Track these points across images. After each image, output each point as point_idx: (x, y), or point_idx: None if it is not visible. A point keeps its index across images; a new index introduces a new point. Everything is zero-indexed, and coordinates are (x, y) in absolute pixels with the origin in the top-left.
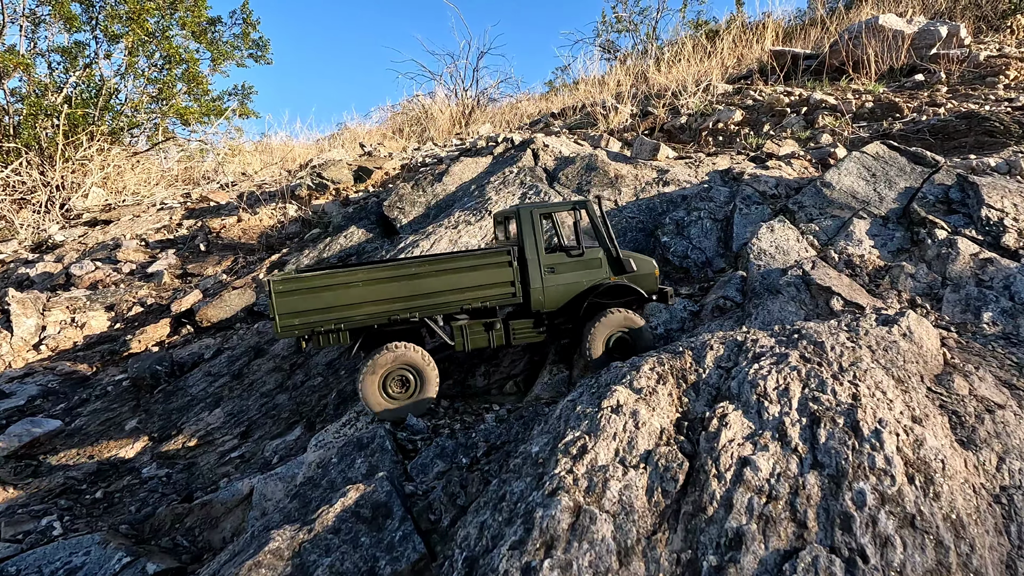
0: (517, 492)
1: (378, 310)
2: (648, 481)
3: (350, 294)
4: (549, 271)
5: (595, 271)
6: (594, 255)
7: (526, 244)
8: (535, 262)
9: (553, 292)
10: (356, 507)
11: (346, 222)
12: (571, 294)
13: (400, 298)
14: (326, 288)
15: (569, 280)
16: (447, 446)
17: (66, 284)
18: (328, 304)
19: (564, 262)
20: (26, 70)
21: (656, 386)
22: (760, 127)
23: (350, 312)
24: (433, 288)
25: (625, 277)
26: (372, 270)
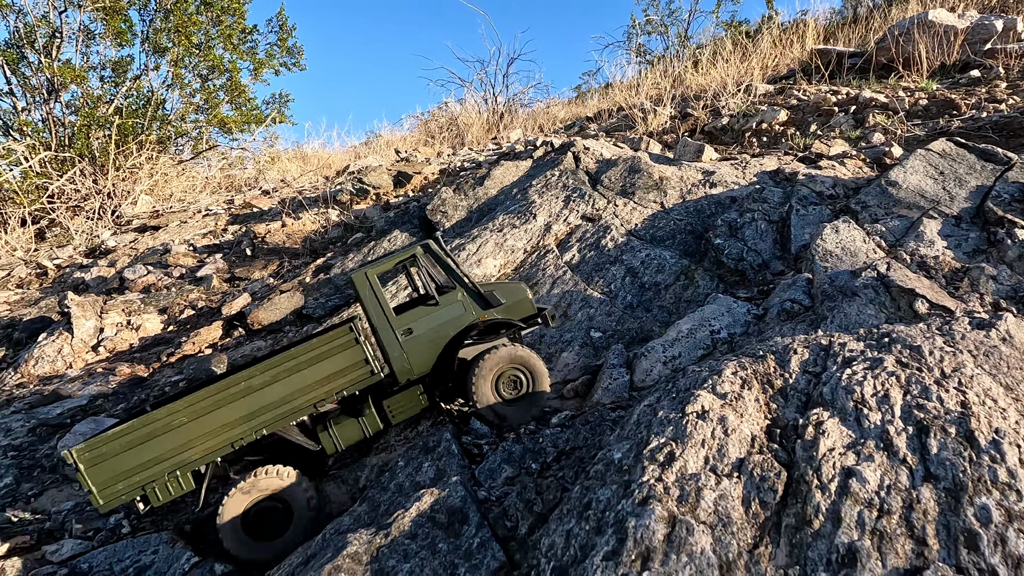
0: (604, 500)
1: (216, 443)
2: (744, 491)
3: (176, 436)
4: (407, 333)
5: (460, 316)
6: (453, 299)
7: (370, 312)
8: (386, 328)
9: (419, 354)
10: (431, 512)
11: (389, 226)
12: (439, 348)
13: (238, 420)
14: (145, 439)
15: (433, 335)
16: (514, 451)
17: (120, 288)
18: (153, 456)
19: (421, 317)
20: (80, 83)
21: (741, 391)
22: (806, 127)
23: (182, 455)
24: (275, 397)
25: (496, 311)
26: (193, 400)
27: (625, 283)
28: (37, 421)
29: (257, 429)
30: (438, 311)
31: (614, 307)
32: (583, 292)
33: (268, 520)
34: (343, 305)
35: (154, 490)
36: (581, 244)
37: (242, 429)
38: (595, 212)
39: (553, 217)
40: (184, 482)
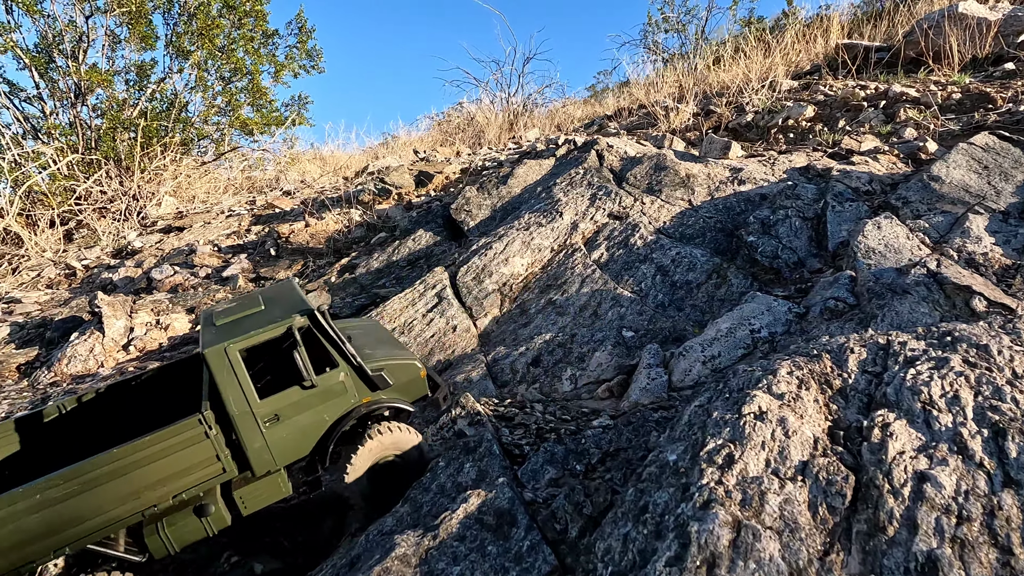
0: (661, 503)
1: (9, 560)
2: (810, 495)
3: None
4: (272, 421)
5: (340, 398)
6: (334, 379)
7: (227, 397)
8: (247, 416)
9: (285, 444)
10: (479, 514)
11: (413, 225)
12: (314, 438)
13: (37, 537)
14: None
15: (306, 422)
16: (556, 451)
17: (148, 288)
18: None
19: (292, 402)
20: (106, 86)
21: (799, 392)
22: (834, 123)
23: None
24: (90, 507)
25: (383, 394)
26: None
27: (656, 281)
28: None
29: (60, 545)
30: (315, 393)
31: (645, 306)
32: (613, 291)
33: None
34: (369, 304)
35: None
36: (609, 242)
37: (41, 546)
38: (622, 210)
39: (580, 215)
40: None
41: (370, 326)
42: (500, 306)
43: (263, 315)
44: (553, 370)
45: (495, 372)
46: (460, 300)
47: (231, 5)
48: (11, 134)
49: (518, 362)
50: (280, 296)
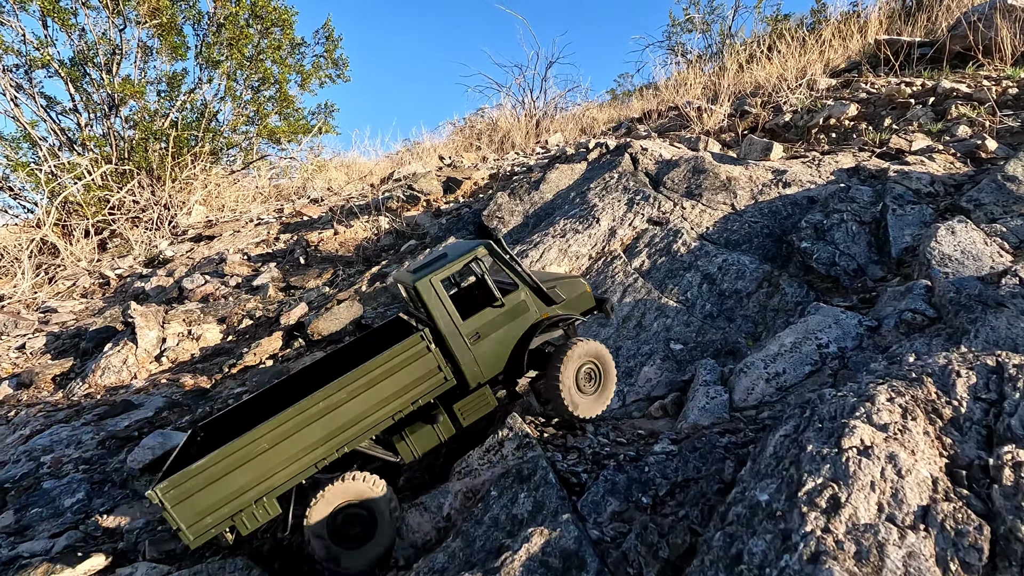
0: (759, 553)
1: (299, 466)
2: (937, 549)
3: (260, 464)
4: (474, 338)
5: (525, 315)
6: (517, 298)
7: (437, 319)
8: (455, 335)
9: (488, 358)
10: (543, 555)
11: (443, 232)
12: (508, 350)
13: (319, 441)
14: (228, 469)
15: (501, 337)
16: (618, 481)
17: (179, 297)
18: (238, 486)
19: (487, 320)
20: (139, 98)
21: (905, 422)
22: (880, 121)
23: (268, 483)
24: (352, 414)
25: (558, 307)
26: (273, 426)
27: (702, 291)
28: (106, 434)
29: (339, 447)
30: (504, 312)
31: (692, 316)
32: (657, 300)
33: (352, 527)
34: None
35: (242, 520)
36: (650, 249)
37: (324, 450)
38: (662, 215)
39: (617, 221)
40: (271, 508)
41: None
42: None
43: (447, 258)
44: None
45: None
46: None
47: (259, 15)
48: (48, 146)
49: None
50: (452, 248)
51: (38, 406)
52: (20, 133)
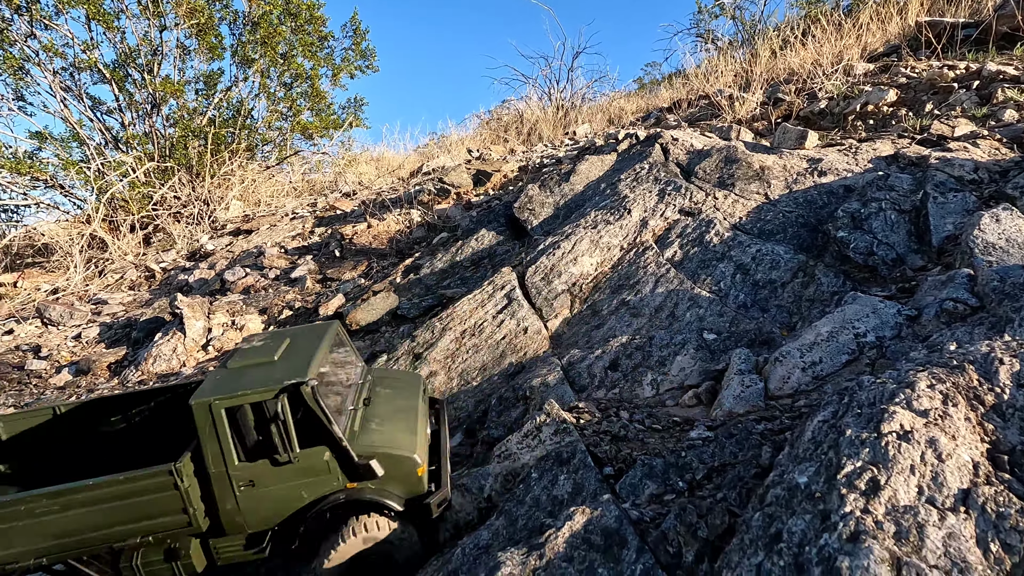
0: (798, 532)
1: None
2: (977, 530)
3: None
4: (246, 485)
5: (320, 479)
6: (316, 458)
7: (207, 452)
8: (222, 476)
9: (257, 512)
10: (585, 533)
11: (474, 225)
12: (287, 511)
13: (16, 542)
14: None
15: (279, 495)
16: (655, 465)
17: (221, 289)
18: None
19: (271, 471)
20: (178, 97)
21: (945, 408)
22: (921, 107)
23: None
24: (61, 528)
25: (369, 484)
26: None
27: (736, 281)
28: None
29: (37, 556)
30: (295, 468)
31: (726, 307)
32: (690, 291)
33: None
34: (436, 305)
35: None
36: (683, 240)
37: (17, 552)
38: (693, 206)
39: (648, 212)
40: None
41: (406, 387)
42: (571, 307)
43: (267, 370)
44: (632, 375)
45: (571, 376)
46: (530, 301)
47: (292, 12)
48: (95, 145)
49: (595, 366)
50: (302, 347)
51: (97, 391)
52: (69, 133)
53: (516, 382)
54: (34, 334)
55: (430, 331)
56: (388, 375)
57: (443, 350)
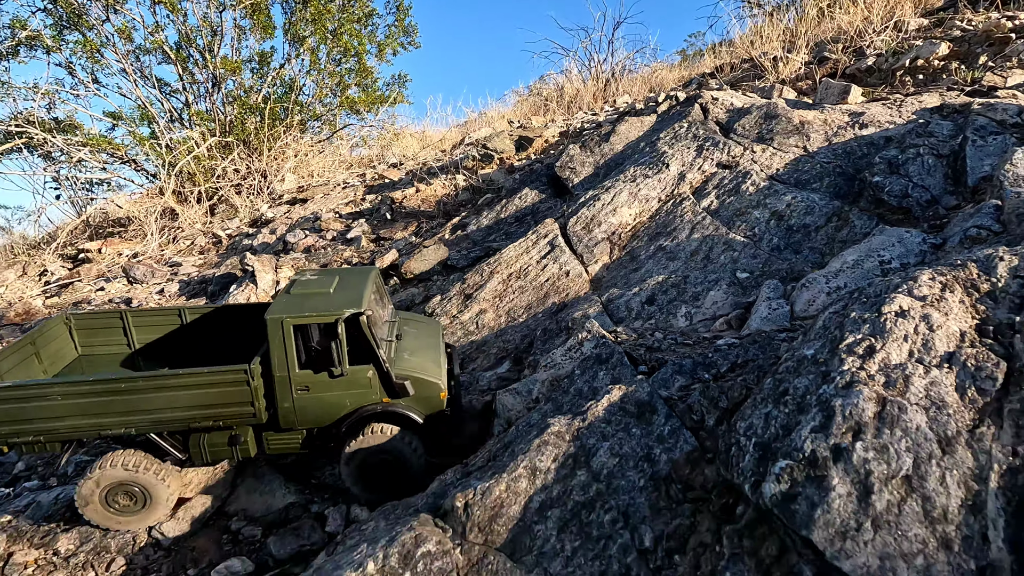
0: (802, 387)
1: (85, 424)
2: (957, 380)
3: (46, 408)
4: (302, 390)
5: (363, 392)
6: (362, 375)
7: (274, 359)
8: (284, 381)
9: (309, 412)
10: (621, 403)
11: (518, 185)
12: (333, 415)
13: (112, 413)
14: (16, 400)
15: (329, 400)
16: (685, 364)
17: (284, 250)
18: (20, 417)
19: (324, 380)
20: (236, 75)
21: (943, 294)
22: (974, 59)
23: (49, 426)
24: (151, 406)
25: (401, 401)
26: (72, 385)
27: (770, 226)
28: None
29: (128, 427)
30: (343, 381)
31: (759, 249)
32: (725, 236)
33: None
34: (483, 256)
35: (19, 444)
36: (719, 190)
37: (112, 422)
38: (731, 159)
39: (686, 166)
40: (49, 447)
41: (428, 328)
42: (610, 254)
43: (328, 298)
44: (668, 308)
45: (611, 310)
46: (571, 248)
47: None
48: (164, 122)
49: (633, 301)
50: (352, 284)
51: None
52: (138, 112)
53: (559, 317)
54: (122, 290)
55: (479, 275)
56: (413, 318)
57: (491, 291)
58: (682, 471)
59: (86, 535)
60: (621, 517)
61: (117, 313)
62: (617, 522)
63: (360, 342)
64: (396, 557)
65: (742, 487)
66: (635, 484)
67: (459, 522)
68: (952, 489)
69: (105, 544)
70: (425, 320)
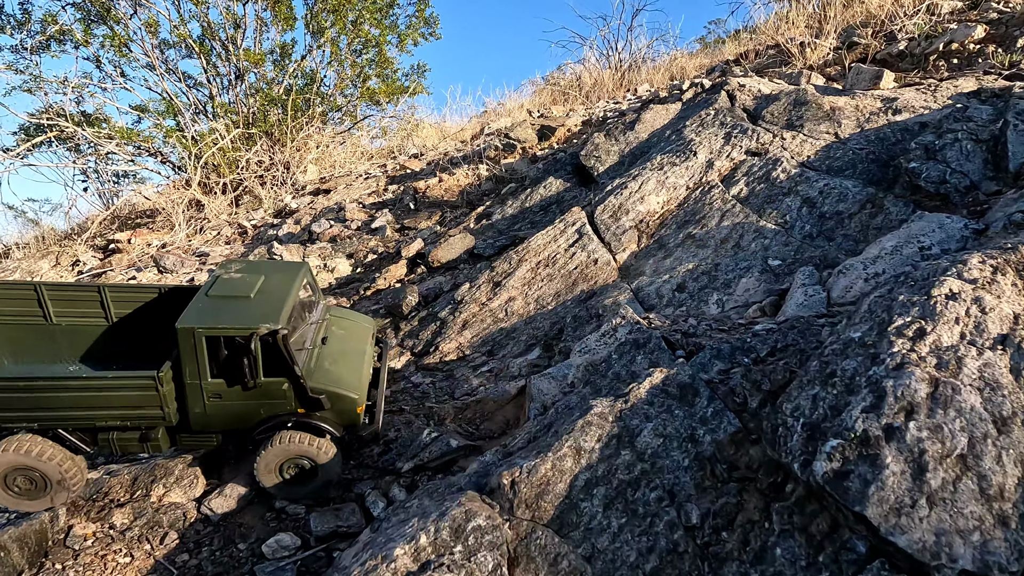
0: (850, 369)
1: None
2: (1011, 361)
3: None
4: (214, 397)
5: (277, 402)
6: (276, 387)
7: (185, 368)
8: (196, 388)
9: (220, 417)
10: (663, 385)
11: (542, 174)
12: (246, 422)
13: (16, 409)
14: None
15: (241, 409)
16: (723, 348)
17: (310, 239)
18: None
19: (236, 391)
20: (259, 67)
21: (994, 277)
22: (1012, 42)
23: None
24: (59, 404)
25: (316, 413)
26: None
27: (802, 213)
28: None
29: (30, 423)
30: (256, 391)
31: (791, 237)
32: (755, 223)
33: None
34: (509, 245)
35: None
36: (748, 178)
37: (15, 416)
38: (760, 146)
39: (715, 154)
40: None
41: (359, 329)
42: (638, 242)
43: (245, 306)
44: (699, 295)
45: (641, 297)
46: (599, 236)
47: None
48: (190, 114)
49: (663, 288)
50: (275, 289)
51: None
52: (164, 105)
53: (588, 304)
54: (153, 279)
55: (507, 263)
56: (345, 316)
57: (520, 279)
58: (727, 451)
59: (139, 510)
60: (667, 495)
61: (95, 287)
62: (663, 500)
63: (276, 355)
64: (448, 531)
65: (791, 466)
66: (679, 464)
67: (506, 499)
68: (1008, 468)
69: (158, 519)
70: (358, 319)
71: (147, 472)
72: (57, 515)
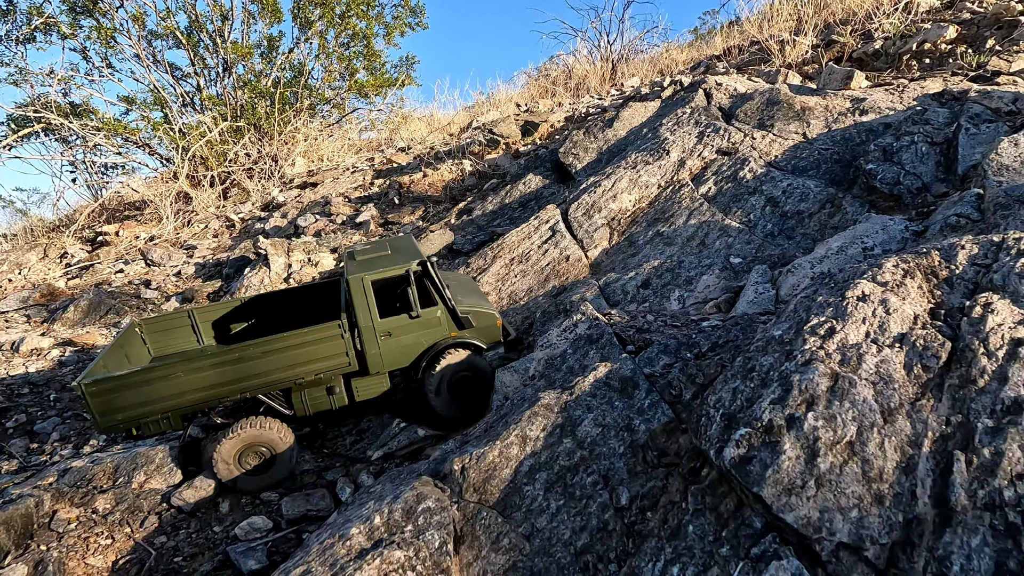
0: (767, 364)
1: (205, 396)
2: (906, 358)
3: (171, 385)
4: (385, 336)
5: (434, 330)
6: (432, 314)
7: (358, 313)
8: (370, 330)
9: (392, 355)
10: (606, 379)
11: (523, 171)
12: (412, 355)
13: (227, 383)
14: (144, 383)
15: (408, 342)
16: (670, 344)
17: (295, 233)
18: (149, 397)
19: (402, 325)
20: (247, 60)
21: (903, 280)
22: (981, 43)
23: (174, 401)
24: (262, 369)
25: (467, 332)
26: (192, 361)
27: (765, 212)
28: None
29: (242, 392)
30: (418, 322)
31: (753, 235)
32: (720, 222)
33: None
34: (488, 240)
35: (147, 424)
36: (717, 177)
37: (230, 388)
38: (731, 146)
39: (687, 153)
40: (174, 423)
41: (465, 280)
42: (609, 239)
43: (390, 258)
44: (662, 291)
45: (607, 293)
46: (572, 233)
47: None
48: (176, 107)
49: (628, 284)
50: (402, 246)
51: None
52: (151, 97)
53: (558, 299)
54: (141, 272)
55: (483, 259)
56: (449, 275)
57: (494, 274)
58: (658, 439)
59: (120, 496)
60: (601, 479)
61: (185, 312)
62: (598, 484)
63: (424, 289)
64: (400, 512)
65: (708, 452)
66: (615, 451)
67: (456, 483)
68: (889, 453)
69: (138, 504)
70: (462, 276)
71: (129, 461)
72: (42, 500)
